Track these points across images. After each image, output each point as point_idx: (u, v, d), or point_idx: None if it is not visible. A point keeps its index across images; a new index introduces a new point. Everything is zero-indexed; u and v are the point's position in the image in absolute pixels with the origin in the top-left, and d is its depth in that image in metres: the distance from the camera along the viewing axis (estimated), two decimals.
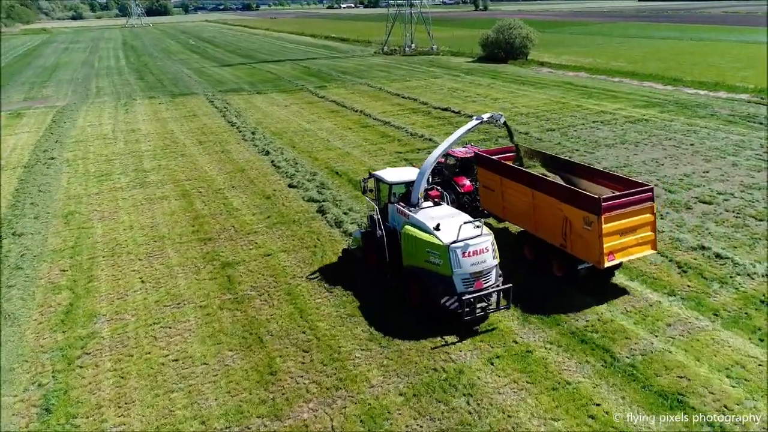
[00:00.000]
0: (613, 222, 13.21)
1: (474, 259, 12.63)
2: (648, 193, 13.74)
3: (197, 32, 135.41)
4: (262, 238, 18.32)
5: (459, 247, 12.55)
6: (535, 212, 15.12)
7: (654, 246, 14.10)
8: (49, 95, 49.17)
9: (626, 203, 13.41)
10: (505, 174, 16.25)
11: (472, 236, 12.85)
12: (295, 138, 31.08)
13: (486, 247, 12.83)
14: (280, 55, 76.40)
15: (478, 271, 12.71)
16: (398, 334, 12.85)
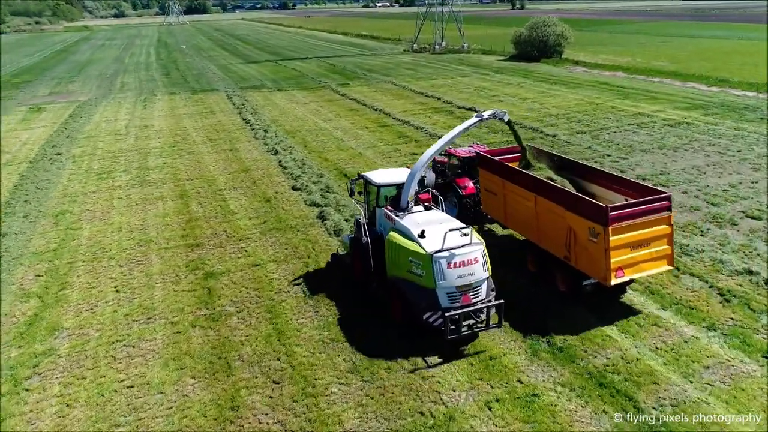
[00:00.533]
0: (622, 234, 11.72)
1: (461, 271, 11.27)
2: (665, 202, 12.19)
3: (231, 30, 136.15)
4: (253, 245, 16.88)
5: (443, 257, 11.22)
6: (538, 220, 13.64)
7: (671, 262, 12.52)
8: (74, 90, 49.17)
9: (638, 213, 11.90)
10: (508, 176, 14.73)
11: (460, 245, 11.44)
12: (308, 137, 29.65)
13: (475, 258, 11.43)
14: (307, 52, 75.41)
15: (466, 285, 11.36)
16: (384, 365, 11.15)
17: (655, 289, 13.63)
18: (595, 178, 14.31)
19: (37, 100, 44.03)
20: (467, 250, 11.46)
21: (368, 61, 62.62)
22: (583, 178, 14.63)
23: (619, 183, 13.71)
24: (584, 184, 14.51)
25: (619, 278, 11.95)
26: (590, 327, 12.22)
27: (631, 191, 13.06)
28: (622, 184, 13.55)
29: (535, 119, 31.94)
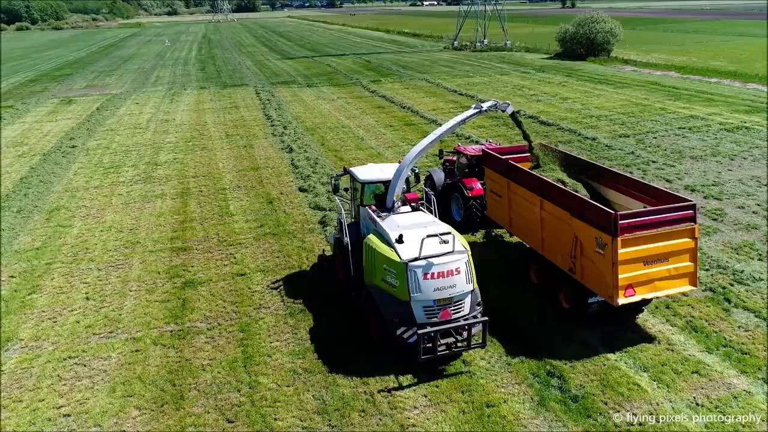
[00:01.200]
0: (634, 246, 10.19)
1: (439, 283, 10.00)
2: (688, 211, 10.52)
3: (275, 27, 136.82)
4: (243, 252, 15.39)
5: (419, 266, 9.96)
6: (543, 226, 12.18)
7: (693, 281, 10.83)
8: (110, 83, 49.37)
9: (654, 222, 10.31)
10: (512, 177, 13.28)
11: (439, 253, 10.13)
12: (328, 135, 28.12)
13: (456, 268, 10.12)
14: (345, 49, 74.20)
15: (445, 298, 10.10)
16: (359, 405, 9.39)
17: (698, 325, 11.35)
18: (613, 182, 12.67)
19: (72, 93, 44.27)
20: (447, 259, 10.11)
21: (405, 58, 60.78)
22: (599, 182, 13.04)
23: (638, 188, 12.01)
24: (600, 189, 12.94)
25: (629, 297, 10.36)
26: (613, 368, 10.12)
27: (651, 198, 11.44)
28: (643, 190, 11.87)
29: (574, 120, 29.40)
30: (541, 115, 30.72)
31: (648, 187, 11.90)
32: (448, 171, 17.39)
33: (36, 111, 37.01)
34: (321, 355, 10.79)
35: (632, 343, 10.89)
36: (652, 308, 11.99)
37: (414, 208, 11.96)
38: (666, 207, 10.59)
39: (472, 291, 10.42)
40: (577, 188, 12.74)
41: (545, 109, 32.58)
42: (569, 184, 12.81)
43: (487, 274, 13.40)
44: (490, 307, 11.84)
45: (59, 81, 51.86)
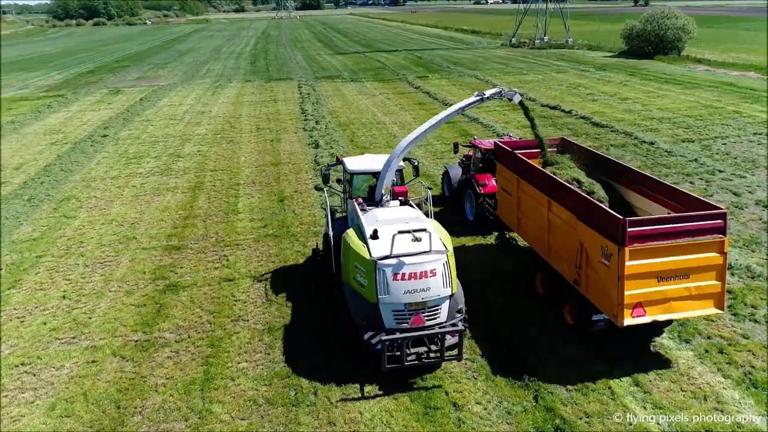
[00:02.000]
0: (645, 258, 8.79)
1: (410, 285, 8.99)
2: (717, 221, 8.98)
3: (335, 23, 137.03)
4: (238, 254, 14.14)
5: (389, 265, 8.99)
6: (550, 230, 10.92)
7: (720, 303, 9.28)
8: (161, 75, 49.96)
9: (672, 232, 8.86)
10: (522, 174, 12.00)
11: (413, 252, 9.11)
12: (360, 131, 26.66)
13: (432, 270, 9.07)
14: (399, 45, 72.61)
15: (418, 302, 9.09)
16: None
17: (758, 380, 9.04)
18: (636, 185, 11.22)
19: (123, 84, 44.96)
20: (422, 259, 9.07)
21: (458, 55, 58.55)
22: (621, 183, 11.65)
23: (663, 192, 10.51)
24: (623, 191, 11.56)
25: (637, 318, 8.96)
26: (621, 405, 8.05)
27: (677, 204, 10.00)
28: (668, 194, 10.36)
29: (632, 122, 26.61)
30: (595, 115, 28.05)
31: (674, 191, 10.26)
32: (465, 167, 16.17)
33: (83, 100, 37.58)
34: (289, 384, 9.29)
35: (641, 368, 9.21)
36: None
37: (402, 203, 11.11)
38: (688, 215, 9.08)
39: (450, 296, 9.31)
40: (594, 189, 11.29)
41: (600, 109, 29.82)
42: (585, 185, 11.36)
43: (492, 281, 12.42)
44: (487, 318, 11.00)
45: (115, 72, 53.04)
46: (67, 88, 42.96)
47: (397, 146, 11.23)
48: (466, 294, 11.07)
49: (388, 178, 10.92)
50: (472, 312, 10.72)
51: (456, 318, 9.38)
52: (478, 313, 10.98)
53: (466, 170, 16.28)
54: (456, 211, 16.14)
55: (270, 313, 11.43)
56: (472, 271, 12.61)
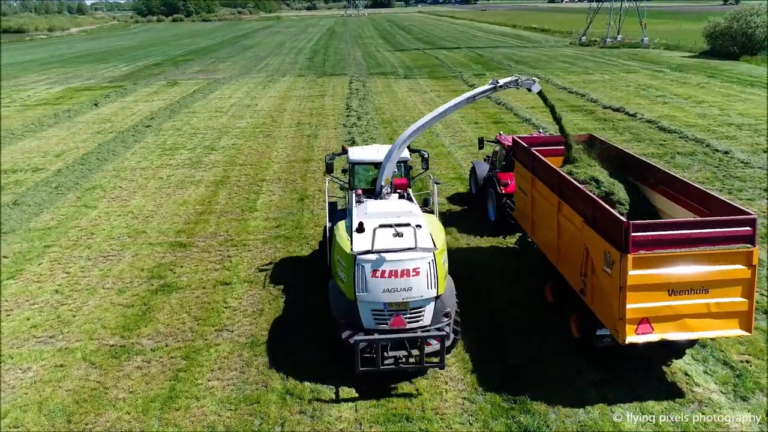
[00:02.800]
0: (652, 268, 7.74)
1: (390, 283, 8.36)
2: (744, 228, 7.74)
3: (401, 21, 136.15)
4: (243, 255, 13.24)
5: (369, 261, 8.41)
6: (560, 234, 9.95)
7: (746, 324, 7.95)
8: (220, 69, 50.62)
9: (686, 238, 7.75)
10: (537, 172, 11.00)
11: (397, 248, 8.46)
12: (401, 129, 25.24)
13: (415, 269, 8.41)
14: (462, 42, 70.57)
15: (398, 303, 8.44)
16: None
17: None
18: (664, 186, 10.03)
19: (181, 76, 45.79)
20: (405, 256, 8.40)
21: (522, 53, 55.95)
22: (648, 185, 10.51)
23: (689, 194, 9.30)
24: (649, 194, 10.45)
25: (642, 335, 7.84)
26: None
27: (707, 209, 8.78)
28: (695, 197, 9.16)
29: (705, 128, 23.83)
30: (663, 119, 25.38)
31: (703, 194, 9.02)
32: (492, 164, 15.30)
33: (140, 91, 38.39)
34: (256, 411, 8.18)
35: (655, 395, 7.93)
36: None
37: (401, 196, 10.64)
38: (707, 220, 8.05)
39: (436, 298, 8.60)
40: (613, 190, 10.21)
41: (670, 112, 27.05)
42: (604, 185, 10.24)
43: (501, 288, 11.55)
44: (487, 327, 10.19)
45: (178, 65, 54.33)
46: (130, 80, 44.19)
47: (400, 137, 10.60)
48: (470, 299, 10.49)
49: (388, 169, 10.41)
50: (473, 319, 10.12)
51: (442, 322, 8.65)
52: (477, 321, 10.23)
53: (492, 167, 15.27)
54: (480, 211, 15.16)
55: (258, 324, 10.40)
56: (481, 276, 11.99)
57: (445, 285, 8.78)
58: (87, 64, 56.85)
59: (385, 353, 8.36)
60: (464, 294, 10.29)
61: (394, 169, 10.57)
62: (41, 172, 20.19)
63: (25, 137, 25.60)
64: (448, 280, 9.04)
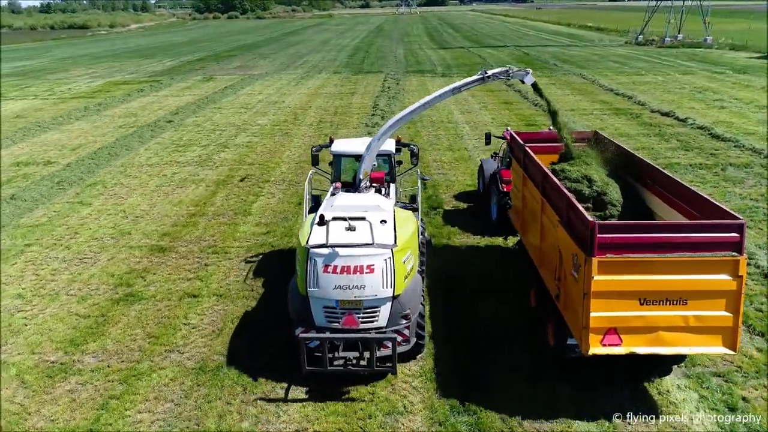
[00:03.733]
0: (621, 274, 7.09)
1: (342, 279, 7.96)
2: (730, 234, 6.96)
3: (452, 19, 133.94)
4: (221, 264, 12.22)
5: (321, 255, 8.05)
6: (542, 235, 9.46)
7: (731, 342, 7.22)
8: (259, 65, 50.42)
9: (661, 242, 7.03)
10: (527, 168, 10.44)
11: (352, 243, 8.09)
12: (425, 130, 23.96)
13: (370, 266, 7.96)
14: (509, 41, 68.08)
15: (350, 301, 8.02)
16: None
17: None
18: (659, 187, 9.39)
19: (220, 72, 45.76)
20: (359, 251, 7.99)
21: (571, 52, 53.18)
22: (646, 187, 9.81)
23: (683, 197, 8.57)
24: (646, 195, 9.75)
25: (609, 347, 7.34)
26: None
27: (696, 212, 8.14)
28: (688, 200, 8.43)
29: (763, 137, 21.24)
30: (717, 126, 22.88)
31: (693, 195, 8.27)
32: (500, 161, 14.72)
33: (175, 86, 38.41)
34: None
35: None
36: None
37: (377, 190, 10.26)
38: (687, 223, 7.53)
39: (393, 298, 8.07)
40: (606, 190, 9.49)
41: (727, 118, 24.44)
42: (597, 184, 9.50)
43: (489, 291, 10.84)
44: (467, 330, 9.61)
45: (220, 61, 54.58)
46: (169, 75, 44.48)
47: (379, 130, 10.16)
48: (456, 301, 10.26)
49: (367, 162, 10.02)
50: (452, 322, 9.75)
51: (401, 324, 8.11)
52: (456, 325, 9.75)
53: (499, 165, 14.57)
54: (485, 210, 14.54)
55: (212, 346, 9.30)
56: (473, 277, 11.41)
57: (407, 285, 8.25)
58: (134, 59, 57.98)
59: (336, 353, 7.98)
60: (451, 295, 10.15)
61: (373, 162, 10.24)
62: (52, 166, 19.94)
63: (49, 129, 25.69)
64: (415, 280, 8.55)
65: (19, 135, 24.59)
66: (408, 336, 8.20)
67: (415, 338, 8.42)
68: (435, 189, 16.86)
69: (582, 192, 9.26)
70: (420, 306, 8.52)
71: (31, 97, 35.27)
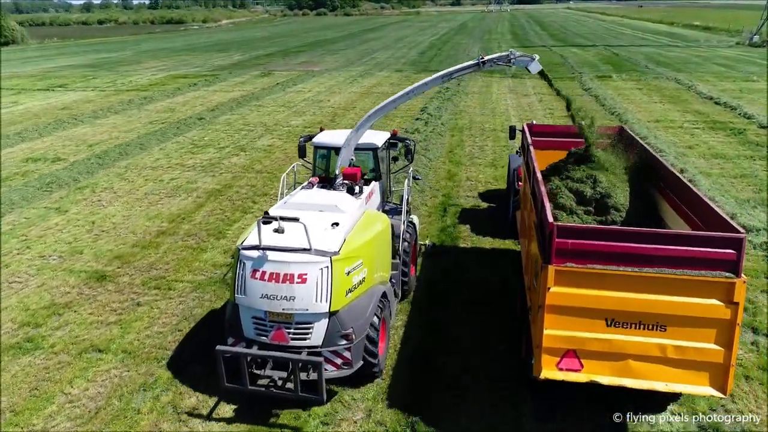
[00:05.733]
0: (582, 287, 6.15)
1: (270, 288, 6.86)
2: (726, 250, 5.77)
3: (542, 17, 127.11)
4: (156, 305, 9.86)
5: (251, 258, 7.03)
6: (528, 237, 8.44)
7: (720, 383, 6.07)
8: (324, 61, 48.66)
9: (639, 254, 5.98)
10: (527, 164, 9.55)
11: (285, 248, 6.95)
12: (469, 140, 20.67)
13: (301, 275, 6.83)
14: (598, 40, 62.07)
15: (279, 313, 6.90)
16: None
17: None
18: (670, 193, 8.04)
19: (281, 67, 44.41)
20: (291, 257, 6.86)
21: (669, 53, 47.06)
22: (660, 192, 8.44)
23: (690, 204, 7.15)
24: (660, 201, 8.40)
25: (565, 371, 6.32)
26: None
27: (700, 221, 6.80)
28: (694, 207, 7.03)
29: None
30: None
31: (694, 198, 7.01)
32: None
33: (230, 81, 37.30)
34: None
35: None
36: None
37: (349, 188, 8.96)
38: (671, 232, 6.49)
39: (330, 315, 6.99)
40: (611, 192, 8.24)
41: None
42: (602, 184, 8.32)
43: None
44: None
45: (288, 56, 53.48)
46: (231, 69, 43.68)
47: (362, 119, 9.14)
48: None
49: (344, 156, 9.17)
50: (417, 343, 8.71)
51: (339, 345, 7.11)
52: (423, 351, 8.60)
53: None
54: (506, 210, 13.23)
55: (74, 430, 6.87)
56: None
57: (352, 301, 7.19)
58: (207, 53, 58.28)
59: (263, 371, 7.06)
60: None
61: (351, 157, 9.22)
62: (58, 163, 18.70)
63: (83, 123, 24.90)
64: (368, 295, 7.48)
65: (50, 128, 23.91)
66: (350, 359, 7.12)
67: (361, 362, 7.27)
68: (454, 189, 13.70)
69: (584, 193, 8.30)
70: (370, 326, 7.34)
71: (90, 89, 35.36)
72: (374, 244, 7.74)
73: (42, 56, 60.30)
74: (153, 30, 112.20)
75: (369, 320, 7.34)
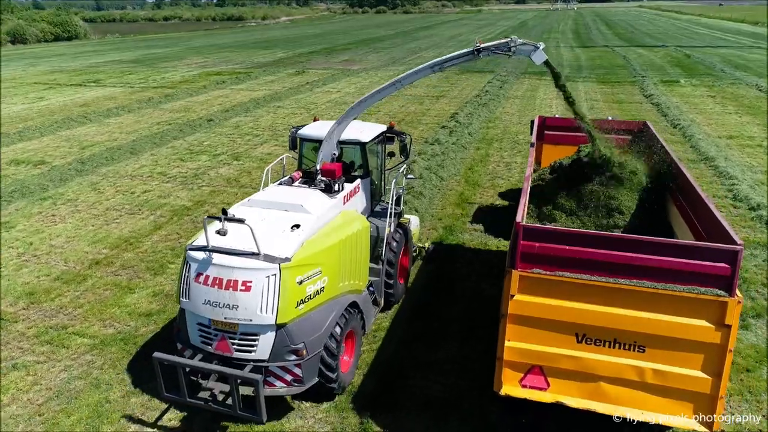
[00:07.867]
0: (551, 297, 5.71)
1: (212, 294, 6.32)
2: (718, 264, 5.12)
3: (610, 16, 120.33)
4: (34, 369, 7.75)
5: (197, 260, 6.51)
6: None
7: (708, 418, 5.43)
8: (366, 60, 46.35)
9: (619, 263, 5.44)
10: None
11: (232, 250, 6.41)
12: (496, 154, 17.73)
13: (246, 282, 6.23)
14: (670, 40, 56.61)
15: (221, 322, 6.37)
16: None
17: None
18: (680, 197, 7.57)
19: (318, 65, 42.45)
20: (236, 262, 6.28)
21: (751, 56, 41.75)
22: (673, 196, 7.98)
23: (697, 210, 6.63)
24: (671, 207, 7.98)
25: (529, 389, 5.93)
26: None
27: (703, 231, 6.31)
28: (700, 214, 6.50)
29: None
30: None
31: (698, 201, 6.49)
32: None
33: (261, 79, 35.60)
34: None
35: None
36: None
37: (326, 185, 7.88)
38: (655, 240, 5.37)
39: (277, 328, 6.28)
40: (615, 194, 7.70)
41: None
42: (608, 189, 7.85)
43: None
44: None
45: (331, 54, 51.60)
46: (268, 66, 42.13)
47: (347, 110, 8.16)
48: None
49: (325, 150, 8.18)
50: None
51: (289, 360, 6.31)
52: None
53: None
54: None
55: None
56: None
57: (304, 314, 6.40)
58: (252, 50, 57.30)
59: (205, 382, 6.32)
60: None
61: (333, 152, 8.41)
62: (38, 168, 17.21)
63: (90, 122, 23.61)
64: (325, 308, 6.66)
65: (55, 127, 22.72)
66: (301, 376, 6.41)
67: (316, 379, 6.62)
68: (460, 220, 10.96)
69: (584, 193, 7.98)
70: (326, 341, 6.63)
71: (120, 85, 34.56)
72: (341, 249, 6.99)
73: (96, 51, 61.20)
74: (212, 27, 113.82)
75: (327, 334, 6.64)
